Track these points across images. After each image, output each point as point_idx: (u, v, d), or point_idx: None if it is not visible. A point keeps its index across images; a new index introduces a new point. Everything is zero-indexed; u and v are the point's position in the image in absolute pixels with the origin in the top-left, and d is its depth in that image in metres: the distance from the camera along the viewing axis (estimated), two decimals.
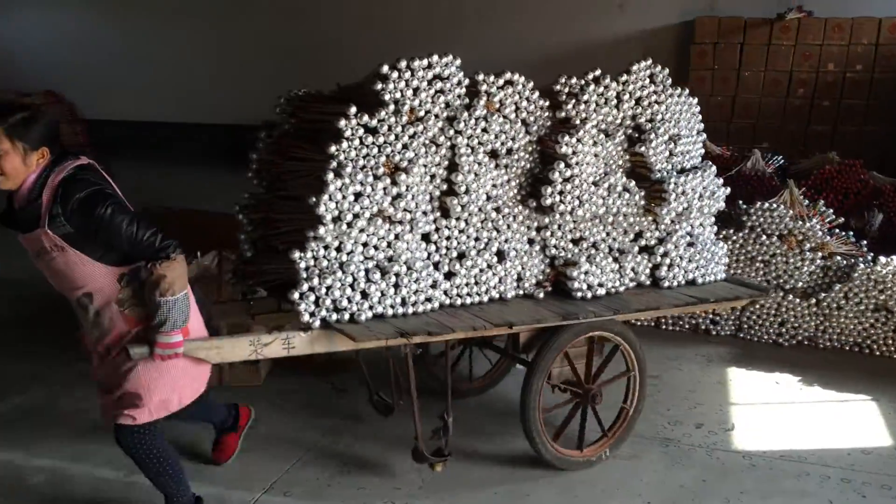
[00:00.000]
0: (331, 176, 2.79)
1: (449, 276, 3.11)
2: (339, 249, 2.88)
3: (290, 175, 3.24)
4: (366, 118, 2.87)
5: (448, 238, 3.12)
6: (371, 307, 2.90)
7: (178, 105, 11.53)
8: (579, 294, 3.28)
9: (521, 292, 3.28)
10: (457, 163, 3.08)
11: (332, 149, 2.83)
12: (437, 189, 3.09)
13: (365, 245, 2.92)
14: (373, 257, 2.94)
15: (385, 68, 2.94)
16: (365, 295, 2.89)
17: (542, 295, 3.28)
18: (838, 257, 4.83)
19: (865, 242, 5.01)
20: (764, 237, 4.88)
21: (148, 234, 2.52)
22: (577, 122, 3.32)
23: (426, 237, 3.09)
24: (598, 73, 3.38)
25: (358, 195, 2.85)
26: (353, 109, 2.85)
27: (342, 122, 2.84)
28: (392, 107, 2.92)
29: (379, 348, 2.95)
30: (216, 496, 3.11)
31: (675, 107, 3.52)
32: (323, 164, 2.96)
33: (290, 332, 2.77)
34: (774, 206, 4.90)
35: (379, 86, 2.93)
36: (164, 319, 2.51)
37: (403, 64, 2.96)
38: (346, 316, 2.86)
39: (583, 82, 3.35)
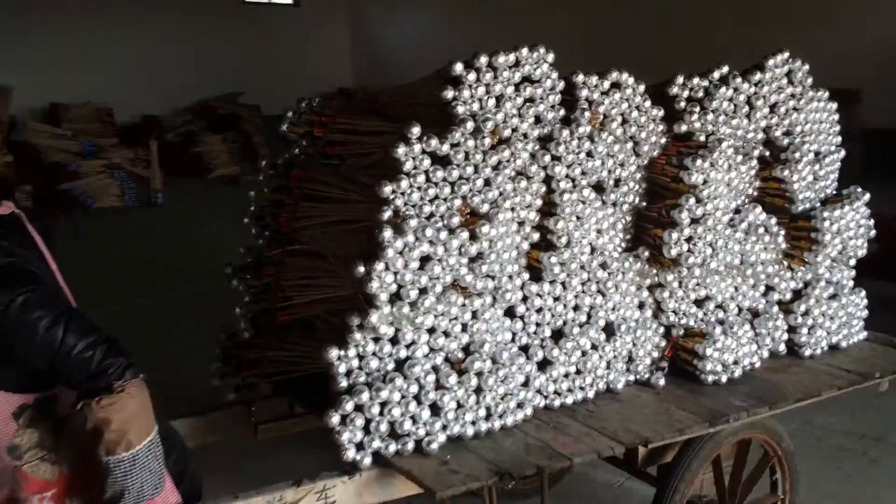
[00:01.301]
0: (388, 234, 1.82)
1: (543, 365, 2.16)
2: (395, 341, 1.91)
3: (307, 221, 2.26)
4: (434, 142, 1.90)
5: (539, 310, 2.17)
6: (445, 426, 1.93)
7: None
8: (711, 378, 2.36)
9: (632, 378, 2.35)
10: (554, 202, 2.13)
11: (388, 190, 1.86)
12: (526, 240, 2.15)
13: (432, 332, 1.95)
14: (442, 349, 1.97)
15: (459, 67, 1.97)
16: (436, 410, 1.92)
17: (662, 381, 2.35)
18: None
19: None
20: None
21: (82, 346, 1.48)
22: (702, 137, 2.40)
23: (510, 311, 2.14)
24: (725, 70, 2.47)
25: (425, 259, 1.89)
26: (417, 130, 1.88)
27: (400, 150, 1.87)
28: (469, 124, 1.95)
29: None
30: None
31: (815, 114, 2.63)
32: (364, 206, 2.00)
33: (329, 479, 1.79)
34: None
35: (450, 94, 1.96)
36: (118, 492, 1.50)
37: (483, 60, 2.00)
38: (410, 445, 1.88)
39: (707, 83, 2.43)
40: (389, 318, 1.85)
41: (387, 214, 1.86)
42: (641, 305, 2.39)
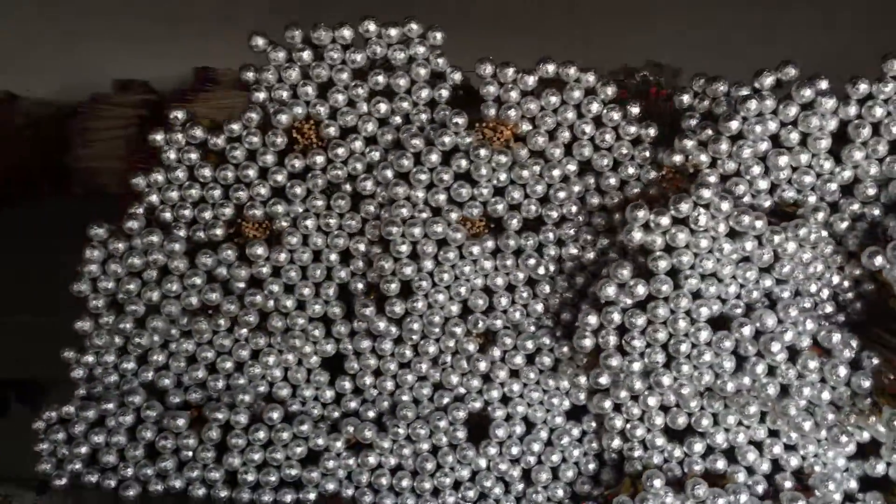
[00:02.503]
0: (99, 231, 1.55)
1: (358, 449, 1.62)
2: (143, 360, 1.63)
3: None
4: (199, 132, 1.55)
5: (378, 374, 1.63)
6: (163, 475, 1.59)
7: None
8: None
9: None
10: (386, 238, 1.55)
11: (140, 182, 1.58)
12: (362, 278, 1.61)
13: (191, 361, 1.62)
14: (206, 383, 1.62)
15: (260, 41, 1.56)
16: (155, 453, 1.59)
17: None
18: None
19: None
20: None
21: None
22: (707, 173, 1.50)
23: (339, 364, 1.65)
24: (791, 72, 1.49)
25: (165, 271, 1.56)
26: (181, 115, 1.55)
27: (158, 136, 1.56)
28: (255, 115, 1.54)
29: None
30: None
31: None
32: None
33: (14, 490, 1.63)
34: None
35: (251, 75, 1.57)
36: None
37: (298, 34, 1.54)
38: (112, 482, 1.60)
39: (743, 92, 1.50)
40: (108, 330, 1.58)
41: (135, 210, 1.58)
42: (575, 412, 1.62)
